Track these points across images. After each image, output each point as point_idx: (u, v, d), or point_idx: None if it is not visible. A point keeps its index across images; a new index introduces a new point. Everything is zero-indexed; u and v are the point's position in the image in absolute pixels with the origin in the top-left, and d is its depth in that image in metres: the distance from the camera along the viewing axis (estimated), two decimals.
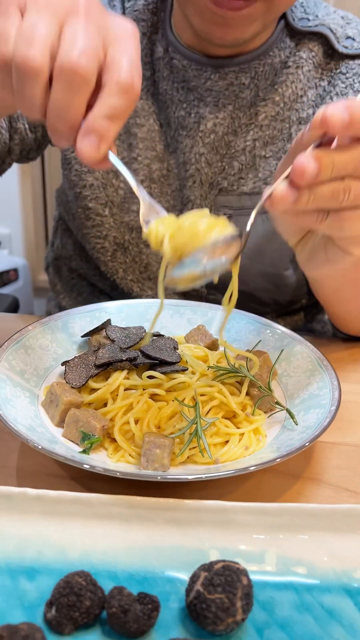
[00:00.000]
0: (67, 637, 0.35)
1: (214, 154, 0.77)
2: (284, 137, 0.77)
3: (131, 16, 0.76)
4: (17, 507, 0.42)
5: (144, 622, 0.34)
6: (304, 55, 0.76)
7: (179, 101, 0.76)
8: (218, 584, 0.35)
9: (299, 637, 0.36)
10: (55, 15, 0.40)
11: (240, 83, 0.74)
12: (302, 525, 0.41)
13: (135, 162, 0.78)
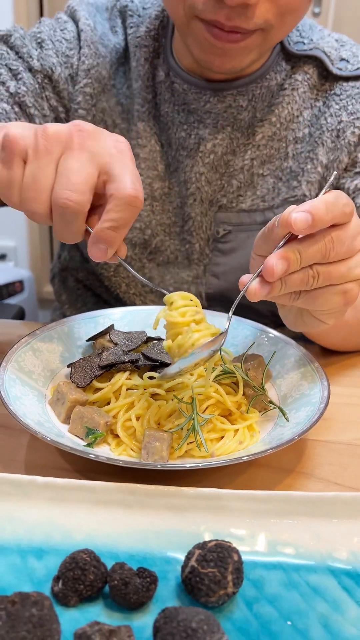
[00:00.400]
0: (72, 608, 0.38)
1: (214, 173, 0.80)
2: (281, 156, 0.81)
3: (134, 42, 0.80)
4: (26, 494, 0.45)
5: (143, 594, 0.37)
6: (299, 77, 0.79)
7: (179, 123, 0.79)
8: (211, 560, 0.38)
9: (285, 611, 0.39)
10: (53, 157, 0.47)
11: (238, 105, 0.78)
12: (290, 511, 0.45)
13: None
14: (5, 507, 0.44)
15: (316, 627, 0.38)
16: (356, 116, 0.77)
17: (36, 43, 0.79)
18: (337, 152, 0.78)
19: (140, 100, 0.80)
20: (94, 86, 0.79)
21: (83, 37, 0.79)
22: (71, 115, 0.80)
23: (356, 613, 0.39)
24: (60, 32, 0.80)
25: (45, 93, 0.78)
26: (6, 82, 0.75)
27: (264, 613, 0.39)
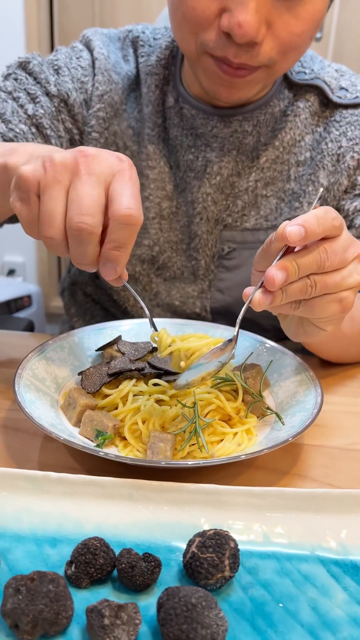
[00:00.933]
0: (84, 590, 0.42)
1: (220, 194, 0.85)
2: (284, 178, 0.85)
3: (145, 70, 0.85)
4: (41, 488, 0.49)
5: (148, 577, 0.41)
6: (301, 104, 0.84)
7: (187, 146, 0.84)
8: (209, 546, 0.42)
9: (278, 595, 0.43)
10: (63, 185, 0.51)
11: (244, 130, 0.82)
12: (284, 506, 0.48)
13: (147, 201, 0.86)
14: (22, 500, 0.48)
15: (306, 609, 0.42)
16: (355, 142, 0.82)
17: (53, 69, 0.84)
18: (337, 175, 0.83)
19: (151, 124, 0.85)
20: (107, 110, 0.84)
21: (97, 65, 0.84)
22: (85, 137, 0.85)
23: (343, 597, 0.43)
24: (76, 59, 0.85)
25: (61, 116, 0.83)
26: (25, 105, 0.81)
27: (258, 596, 0.43)
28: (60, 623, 0.38)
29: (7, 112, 0.80)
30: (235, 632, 0.40)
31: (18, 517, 0.48)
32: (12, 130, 0.79)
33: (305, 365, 0.66)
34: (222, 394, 0.62)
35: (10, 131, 0.79)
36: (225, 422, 0.61)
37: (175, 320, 0.77)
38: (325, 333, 0.62)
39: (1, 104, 0.80)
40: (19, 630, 0.37)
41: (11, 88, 0.82)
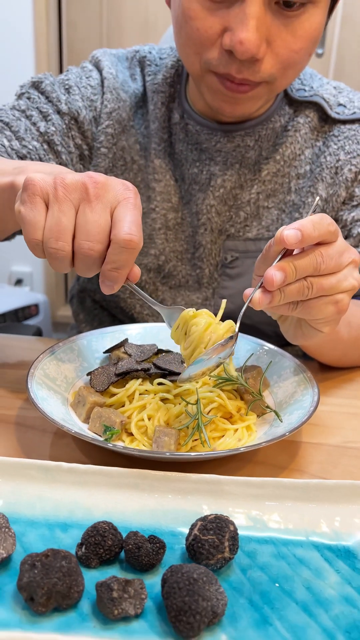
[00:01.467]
0: (93, 569, 0.45)
1: (223, 205, 0.88)
2: (284, 190, 0.89)
3: (152, 88, 0.89)
4: (53, 477, 0.52)
5: (153, 557, 0.44)
6: (301, 120, 0.88)
7: (192, 160, 0.88)
8: (210, 529, 0.45)
9: (274, 576, 0.46)
10: (73, 204, 0.54)
11: (246, 145, 0.86)
12: (281, 495, 0.51)
13: (153, 212, 0.90)
14: (35, 488, 0.52)
15: (300, 588, 0.45)
16: (352, 155, 0.86)
17: (64, 89, 0.88)
18: (335, 187, 0.87)
19: (157, 140, 0.89)
20: (115, 127, 0.88)
21: (106, 84, 0.89)
22: (94, 153, 0.89)
23: (335, 579, 0.46)
24: (85, 79, 0.89)
25: (72, 133, 0.87)
26: (37, 122, 0.85)
27: (256, 577, 0.46)
28: (72, 597, 0.41)
29: (20, 129, 0.84)
30: (234, 608, 0.43)
31: (31, 504, 0.51)
32: (26, 147, 0.84)
33: (304, 367, 0.70)
34: (224, 393, 0.65)
35: (24, 148, 0.84)
36: (227, 420, 0.64)
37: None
38: (322, 335, 0.65)
39: (15, 122, 0.84)
40: (34, 603, 0.41)
41: (24, 107, 0.86)
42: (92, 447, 0.63)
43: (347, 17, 2.17)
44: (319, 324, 0.63)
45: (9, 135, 0.83)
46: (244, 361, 0.71)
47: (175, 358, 0.70)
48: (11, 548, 0.45)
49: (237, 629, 0.41)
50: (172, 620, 0.39)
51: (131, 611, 0.41)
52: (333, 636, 0.41)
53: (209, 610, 0.39)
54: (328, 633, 0.41)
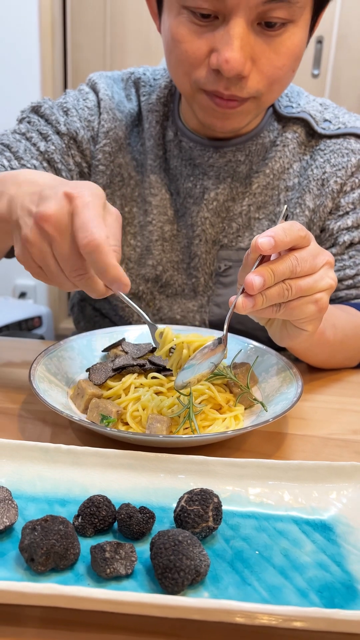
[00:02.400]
0: (89, 538, 0.49)
1: (216, 217, 0.93)
2: (274, 202, 0.94)
3: (147, 107, 0.95)
4: (52, 458, 0.56)
5: (143, 526, 0.48)
6: (289, 136, 0.93)
7: (187, 175, 0.93)
8: (196, 500, 0.49)
9: (255, 545, 0.50)
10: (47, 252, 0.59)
11: (237, 160, 0.91)
12: (263, 475, 0.56)
13: (150, 225, 0.96)
14: (36, 468, 0.56)
15: (278, 556, 0.49)
16: (338, 168, 0.91)
17: (62, 111, 0.94)
18: (322, 198, 0.92)
19: (153, 156, 0.94)
20: (112, 145, 0.94)
21: (102, 105, 0.95)
22: (93, 170, 0.95)
23: (311, 548, 0.50)
24: (82, 101, 0.95)
25: (71, 152, 0.93)
26: (37, 143, 0.91)
27: (238, 546, 0.50)
28: (69, 558, 0.45)
29: (20, 150, 0.90)
30: (216, 571, 0.47)
31: (32, 482, 0.55)
32: (24, 166, 0.89)
33: (290, 364, 0.74)
34: (214, 387, 0.70)
35: (23, 167, 0.89)
36: (216, 411, 0.69)
37: (172, 326, 0.85)
38: (308, 334, 0.69)
39: (15, 144, 0.90)
40: (34, 563, 0.45)
41: (25, 130, 0.92)
42: (89, 436, 0.67)
43: (342, 40, 2.25)
44: (303, 323, 0.67)
45: (8, 156, 0.88)
46: (233, 357, 0.76)
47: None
48: (14, 518, 0.49)
49: (219, 588, 0.45)
50: (159, 577, 0.43)
51: (122, 571, 0.45)
52: (306, 595, 0.45)
53: (192, 568, 0.43)
54: (302, 592, 0.45)
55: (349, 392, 0.83)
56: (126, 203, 0.97)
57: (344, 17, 2.21)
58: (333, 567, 0.48)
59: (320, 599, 0.45)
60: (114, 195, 0.97)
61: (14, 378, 0.80)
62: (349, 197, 0.91)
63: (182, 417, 0.65)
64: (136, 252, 0.98)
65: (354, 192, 0.91)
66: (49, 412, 0.71)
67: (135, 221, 0.98)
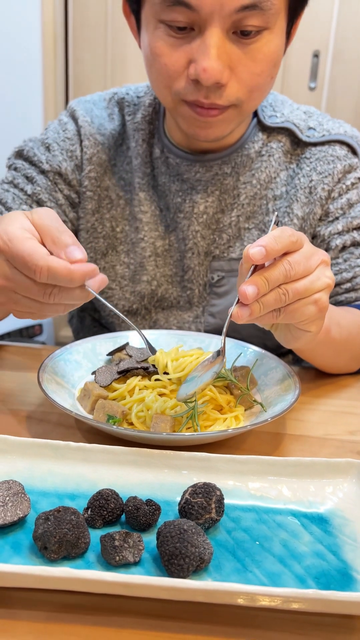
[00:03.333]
0: (98, 529, 0.52)
1: (207, 230, 0.95)
2: (263, 212, 0.96)
3: (132, 127, 0.97)
4: (62, 455, 0.59)
5: (149, 517, 0.51)
6: (274, 145, 0.95)
7: (175, 190, 0.95)
8: (199, 493, 0.52)
9: (255, 536, 0.53)
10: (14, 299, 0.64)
11: (224, 172, 0.94)
12: (263, 471, 0.58)
13: (142, 242, 0.98)
14: (46, 464, 0.59)
15: (278, 546, 0.52)
16: (324, 175, 0.93)
17: (44, 148, 0.98)
18: (311, 206, 0.94)
19: (140, 174, 0.97)
20: (97, 170, 0.97)
21: (82, 132, 0.97)
22: (81, 197, 0.98)
23: (309, 539, 0.53)
24: (62, 132, 0.98)
25: (58, 187, 0.97)
26: (24, 187, 0.95)
27: (239, 537, 0.52)
28: (80, 546, 0.48)
29: (8, 200, 0.94)
30: (219, 560, 0.49)
31: (43, 478, 0.58)
32: None
33: (288, 367, 0.77)
34: (215, 388, 0.73)
35: None
36: (217, 411, 0.72)
37: (174, 331, 0.88)
38: (312, 335, 0.69)
39: (4, 195, 0.95)
40: (47, 551, 0.47)
41: (11, 178, 0.97)
42: (95, 436, 0.70)
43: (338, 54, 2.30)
44: (306, 325, 0.68)
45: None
46: (233, 361, 0.79)
47: None
48: (27, 510, 0.52)
49: (221, 574, 0.48)
50: (165, 564, 0.46)
51: (130, 559, 0.47)
52: (304, 581, 0.48)
53: (196, 555, 0.46)
54: (300, 579, 0.48)
55: (345, 395, 0.86)
56: (117, 223, 0.99)
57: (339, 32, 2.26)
58: (329, 556, 0.51)
59: (317, 585, 0.47)
60: (103, 218, 0.99)
61: (21, 381, 0.83)
62: (337, 202, 0.94)
63: (185, 417, 0.67)
64: (130, 270, 0.99)
65: (342, 198, 0.93)
66: (56, 413, 0.74)
67: (127, 239, 0.99)
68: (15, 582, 0.44)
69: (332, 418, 0.79)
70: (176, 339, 0.87)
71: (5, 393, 0.79)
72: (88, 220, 0.99)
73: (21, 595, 0.46)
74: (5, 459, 0.58)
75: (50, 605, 0.46)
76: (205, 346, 0.86)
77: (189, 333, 0.88)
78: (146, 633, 0.44)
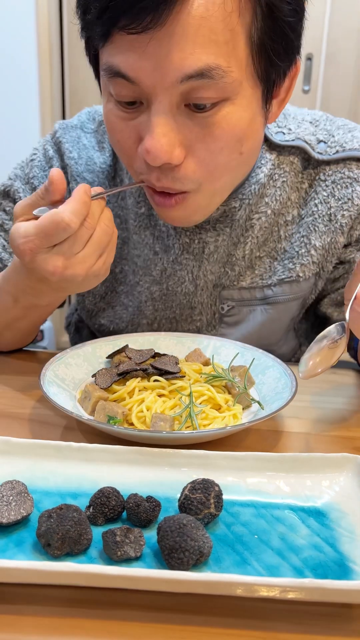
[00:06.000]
0: (100, 527, 0.53)
1: (218, 265, 0.90)
2: (274, 239, 0.90)
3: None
4: (64, 455, 0.60)
5: (150, 513, 0.52)
6: (287, 168, 0.87)
7: (182, 230, 0.88)
8: (198, 489, 0.53)
9: (254, 530, 0.54)
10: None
11: (232, 207, 0.86)
12: (261, 467, 0.60)
13: (138, 286, 0.94)
14: (49, 464, 0.60)
15: (276, 539, 0.53)
16: (343, 201, 0.87)
17: (30, 189, 0.94)
18: (332, 235, 0.88)
19: (133, 215, 0.91)
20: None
21: (69, 172, 0.92)
22: None
23: (306, 532, 0.54)
24: (49, 168, 0.93)
25: None
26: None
27: (238, 531, 0.54)
28: (82, 543, 0.49)
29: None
30: (219, 553, 0.51)
31: (46, 478, 0.59)
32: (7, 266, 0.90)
33: (285, 366, 0.78)
34: (213, 388, 0.74)
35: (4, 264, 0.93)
36: (216, 410, 0.73)
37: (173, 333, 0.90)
38: None
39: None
40: (50, 548, 0.49)
41: (0, 221, 0.95)
42: (96, 437, 0.71)
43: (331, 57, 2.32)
44: None
45: None
46: (230, 361, 0.80)
47: (171, 360, 0.79)
48: (30, 509, 0.53)
49: (221, 567, 0.49)
50: (166, 558, 0.47)
51: (132, 554, 0.49)
52: (302, 572, 0.49)
53: (196, 549, 0.47)
54: (298, 570, 0.49)
55: (341, 393, 0.87)
56: (116, 264, 0.95)
57: (332, 35, 2.28)
58: (326, 548, 0.52)
59: (315, 576, 0.49)
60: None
61: (23, 384, 0.84)
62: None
63: (183, 416, 0.69)
64: (128, 312, 0.96)
65: None
66: (57, 415, 0.75)
67: (126, 279, 0.95)
68: (21, 578, 0.45)
69: (328, 415, 0.80)
70: (174, 340, 0.89)
71: (8, 396, 0.80)
72: None
73: (26, 591, 0.47)
74: (8, 460, 0.60)
75: (54, 600, 0.47)
76: (204, 347, 0.87)
77: (187, 335, 0.89)
78: (148, 625, 0.46)
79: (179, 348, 0.88)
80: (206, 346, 0.87)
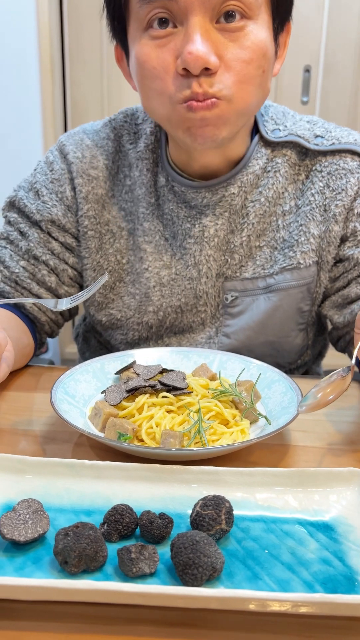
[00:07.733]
0: (114, 543, 0.55)
1: (218, 252, 0.95)
2: (273, 228, 0.95)
3: (135, 156, 0.98)
4: (77, 473, 0.62)
5: (163, 530, 0.54)
6: (280, 160, 0.93)
7: (184, 217, 0.95)
8: (209, 505, 0.54)
9: (264, 545, 0.55)
10: None
11: (230, 194, 0.93)
12: (269, 482, 0.61)
13: (147, 272, 0.98)
14: (63, 482, 0.61)
15: (286, 553, 0.54)
16: (337, 192, 0.91)
17: (34, 194, 0.99)
18: (326, 224, 0.92)
19: (145, 204, 0.97)
20: (95, 207, 0.98)
21: (74, 169, 0.97)
22: (81, 237, 0.99)
23: (315, 546, 0.55)
24: (50, 173, 0.99)
25: (52, 236, 0.98)
26: (19, 244, 0.98)
27: (249, 546, 0.55)
28: (98, 560, 0.50)
29: (6, 259, 0.97)
30: (230, 568, 0.52)
31: (60, 495, 0.60)
32: (14, 272, 0.97)
33: (290, 380, 0.80)
34: (221, 403, 0.76)
35: (13, 274, 0.97)
36: (224, 426, 0.74)
37: (179, 348, 0.91)
38: None
39: (1, 252, 0.98)
40: (67, 565, 0.50)
41: (6, 234, 0.99)
42: (106, 453, 0.72)
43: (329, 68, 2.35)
44: None
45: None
46: (237, 376, 0.82)
47: (178, 375, 0.81)
48: (46, 527, 0.54)
49: (233, 582, 0.50)
50: (180, 574, 0.49)
51: (147, 570, 0.50)
52: (312, 586, 0.50)
53: (209, 565, 0.49)
54: (308, 584, 0.50)
55: (346, 406, 0.88)
56: (122, 255, 1.00)
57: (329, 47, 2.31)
58: (335, 562, 0.53)
59: (325, 590, 0.50)
60: (107, 254, 0.99)
61: (33, 402, 0.86)
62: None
63: (192, 432, 0.70)
64: (136, 300, 0.99)
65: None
66: (68, 432, 0.76)
67: (133, 269, 0.99)
68: (40, 595, 0.47)
69: (335, 428, 0.81)
70: (181, 355, 0.90)
71: (19, 414, 0.82)
72: (93, 259, 1.00)
73: (44, 607, 0.49)
74: (24, 479, 0.61)
75: (72, 617, 0.49)
76: (210, 361, 0.89)
77: (193, 350, 0.91)
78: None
79: (185, 363, 0.89)
80: (212, 361, 0.89)
